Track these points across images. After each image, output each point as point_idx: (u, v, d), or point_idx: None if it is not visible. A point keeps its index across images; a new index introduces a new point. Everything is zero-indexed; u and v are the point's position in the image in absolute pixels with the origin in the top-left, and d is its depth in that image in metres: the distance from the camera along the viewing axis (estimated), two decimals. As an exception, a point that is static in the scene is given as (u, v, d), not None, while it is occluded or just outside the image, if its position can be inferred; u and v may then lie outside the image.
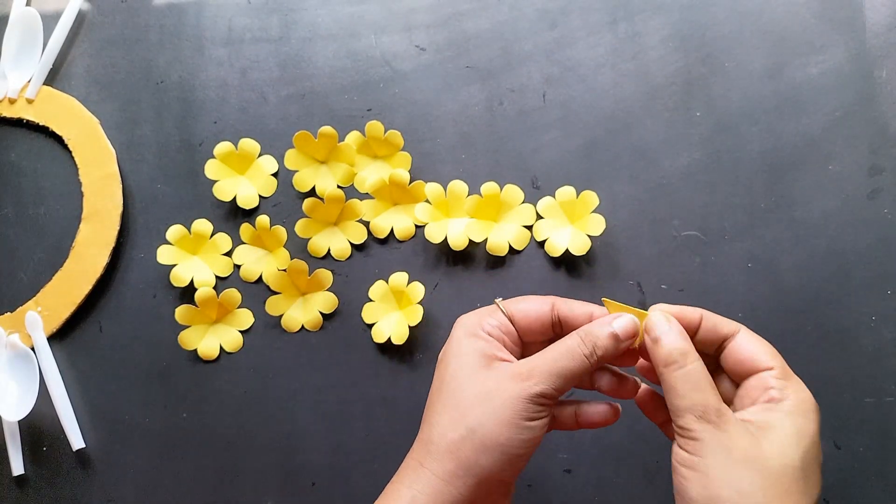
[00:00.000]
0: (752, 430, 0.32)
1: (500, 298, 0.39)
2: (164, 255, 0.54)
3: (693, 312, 0.36)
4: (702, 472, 0.31)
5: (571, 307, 0.38)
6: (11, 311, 0.55)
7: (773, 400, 0.33)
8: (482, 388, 0.35)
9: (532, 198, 0.53)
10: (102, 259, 0.54)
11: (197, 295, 0.52)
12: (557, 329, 0.38)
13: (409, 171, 0.53)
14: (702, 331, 0.36)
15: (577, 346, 0.35)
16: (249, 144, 0.55)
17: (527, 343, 0.39)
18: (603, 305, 0.37)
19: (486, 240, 0.52)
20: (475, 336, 0.37)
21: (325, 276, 0.53)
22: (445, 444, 0.34)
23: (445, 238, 0.52)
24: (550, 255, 0.51)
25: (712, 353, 0.37)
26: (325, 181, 0.54)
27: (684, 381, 0.33)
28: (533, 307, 0.38)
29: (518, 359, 0.37)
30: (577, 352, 0.35)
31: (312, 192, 0.54)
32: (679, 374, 0.33)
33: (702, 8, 0.54)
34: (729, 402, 0.36)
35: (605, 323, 0.35)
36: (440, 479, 0.34)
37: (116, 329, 0.54)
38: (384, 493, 0.36)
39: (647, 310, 0.36)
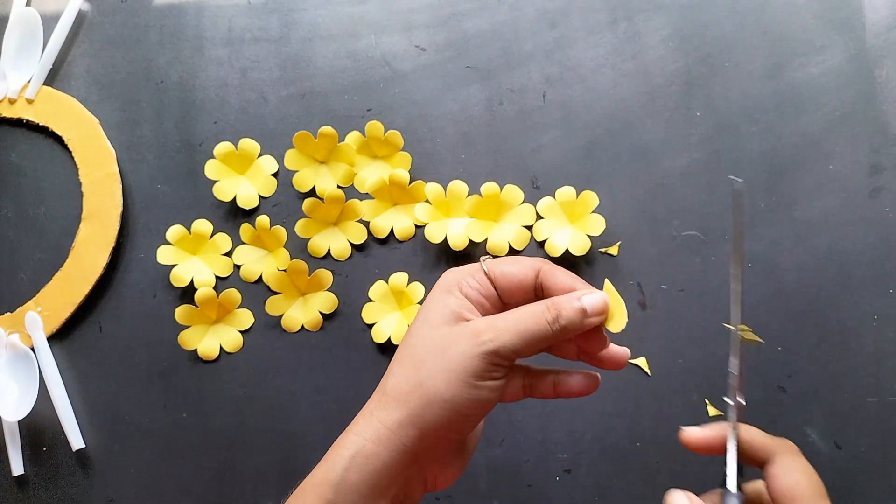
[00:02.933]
0: None
1: (489, 257, 0.37)
2: (164, 255, 0.54)
3: (721, 435, 0.37)
4: None
5: (556, 277, 0.36)
6: (11, 311, 0.55)
7: None
8: (440, 342, 0.34)
9: (532, 198, 0.52)
10: (102, 259, 0.54)
11: (197, 295, 0.52)
12: (540, 294, 0.37)
13: (408, 172, 0.53)
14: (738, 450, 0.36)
15: (541, 312, 0.34)
16: (249, 144, 0.55)
17: (508, 305, 0.37)
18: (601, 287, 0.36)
19: (486, 240, 0.52)
20: (449, 293, 0.36)
21: (325, 276, 0.53)
22: (395, 394, 0.34)
23: (445, 238, 0.52)
24: (550, 255, 0.51)
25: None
26: (325, 181, 0.54)
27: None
28: (517, 270, 0.36)
29: None
30: (541, 317, 0.34)
31: (312, 193, 0.54)
32: None
33: (702, 8, 0.54)
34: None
35: (575, 297, 0.34)
36: (387, 427, 0.34)
37: (116, 329, 0.54)
38: (338, 439, 0.36)
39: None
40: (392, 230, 0.53)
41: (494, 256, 0.37)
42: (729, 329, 0.36)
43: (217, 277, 0.54)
